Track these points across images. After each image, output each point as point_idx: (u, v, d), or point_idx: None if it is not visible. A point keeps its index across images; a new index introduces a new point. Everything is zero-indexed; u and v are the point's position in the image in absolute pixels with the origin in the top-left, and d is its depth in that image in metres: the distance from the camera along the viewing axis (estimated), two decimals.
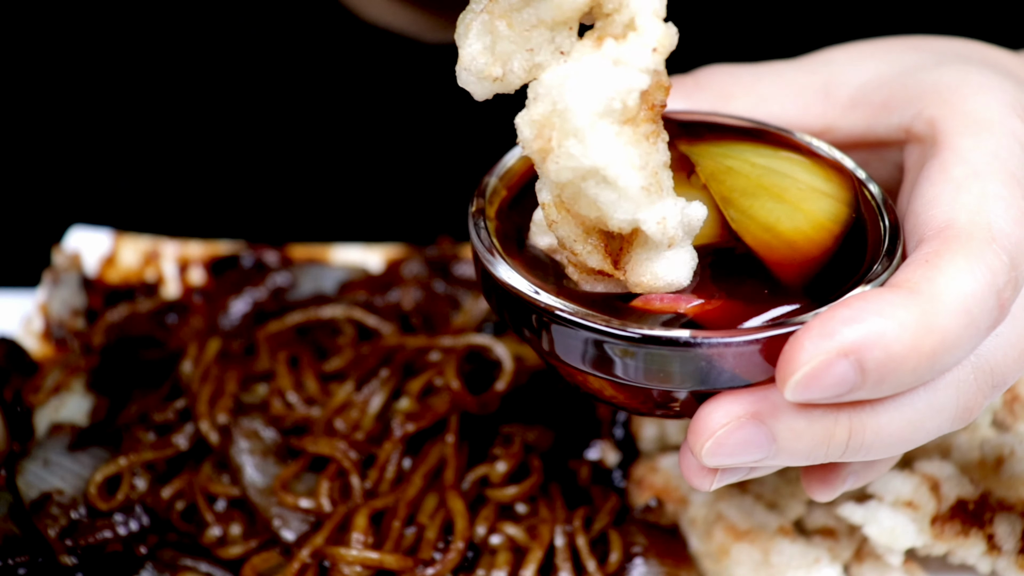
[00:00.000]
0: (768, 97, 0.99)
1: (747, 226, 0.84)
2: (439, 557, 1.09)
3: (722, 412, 0.79)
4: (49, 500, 1.14)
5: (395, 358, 1.26)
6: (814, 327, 0.75)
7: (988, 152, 0.84)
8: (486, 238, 0.86)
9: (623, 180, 0.75)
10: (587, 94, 0.74)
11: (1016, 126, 0.86)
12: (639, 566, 1.10)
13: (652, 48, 0.74)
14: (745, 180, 0.88)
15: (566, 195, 0.78)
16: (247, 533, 1.15)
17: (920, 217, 0.83)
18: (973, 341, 0.78)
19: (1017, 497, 1.08)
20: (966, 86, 0.89)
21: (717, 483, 0.85)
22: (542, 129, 0.76)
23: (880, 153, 0.97)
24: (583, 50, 0.76)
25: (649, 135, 0.76)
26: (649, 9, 0.74)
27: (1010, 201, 0.81)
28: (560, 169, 0.75)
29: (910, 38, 1.02)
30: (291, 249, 1.49)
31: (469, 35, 0.77)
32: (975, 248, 0.78)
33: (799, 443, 0.79)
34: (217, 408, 1.21)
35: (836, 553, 1.11)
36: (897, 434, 0.80)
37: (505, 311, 0.85)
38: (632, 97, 0.74)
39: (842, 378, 0.74)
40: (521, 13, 0.76)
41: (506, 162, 0.94)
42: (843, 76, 0.97)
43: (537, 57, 0.76)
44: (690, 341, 0.77)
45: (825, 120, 0.97)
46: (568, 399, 1.24)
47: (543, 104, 0.76)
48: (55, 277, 1.42)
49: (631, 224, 0.77)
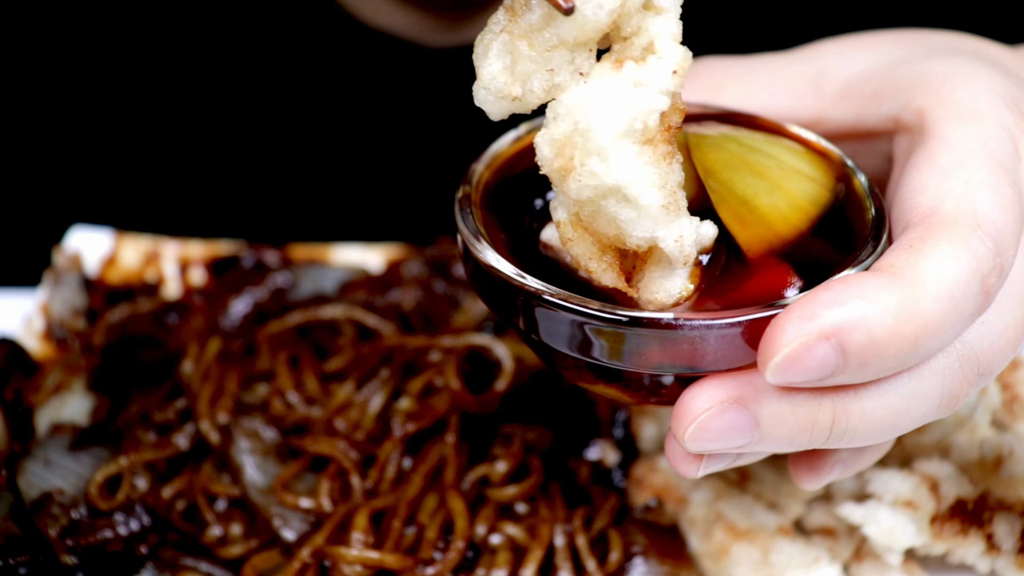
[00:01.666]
0: (759, 89, 0.99)
1: (725, 197, 0.84)
2: (439, 557, 1.10)
3: (705, 397, 0.79)
4: (50, 500, 1.14)
5: (395, 358, 1.27)
6: (795, 309, 0.75)
7: (975, 140, 0.84)
8: (472, 224, 0.86)
9: (644, 198, 0.76)
10: (609, 114, 0.75)
11: (1004, 115, 0.86)
12: (639, 566, 1.11)
13: (672, 71, 0.75)
14: (729, 155, 0.88)
15: (585, 213, 0.79)
16: (247, 533, 1.15)
17: (906, 204, 0.83)
18: (957, 327, 0.77)
19: (1016, 497, 1.08)
20: (955, 76, 0.90)
21: (703, 470, 0.84)
22: (563, 148, 0.76)
23: (870, 144, 0.97)
24: (603, 72, 0.77)
25: (666, 155, 0.77)
26: (668, 33, 0.76)
27: (996, 188, 0.81)
28: (581, 187, 0.76)
29: (902, 31, 1.02)
30: (291, 249, 1.49)
31: (489, 54, 0.78)
32: (960, 234, 0.78)
33: (782, 428, 0.79)
34: (217, 408, 1.21)
35: (835, 553, 1.11)
36: (881, 420, 0.80)
37: (491, 296, 0.86)
38: (653, 118, 0.75)
39: (823, 361, 0.74)
40: (542, 34, 0.76)
41: (493, 150, 0.94)
42: (834, 68, 0.98)
43: (557, 77, 0.77)
44: (672, 323, 0.77)
45: (815, 111, 0.97)
46: (568, 399, 1.24)
47: (564, 123, 0.76)
48: (56, 277, 1.42)
49: (649, 242, 0.78)
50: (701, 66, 1.03)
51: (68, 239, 1.49)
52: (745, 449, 0.80)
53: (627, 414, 1.24)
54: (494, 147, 0.94)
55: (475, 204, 0.89)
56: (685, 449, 0.81)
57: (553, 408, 1.23)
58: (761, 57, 1.02)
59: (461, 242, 0.87)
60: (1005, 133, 0.85)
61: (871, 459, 0.94)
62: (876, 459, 0.95)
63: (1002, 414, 1.17)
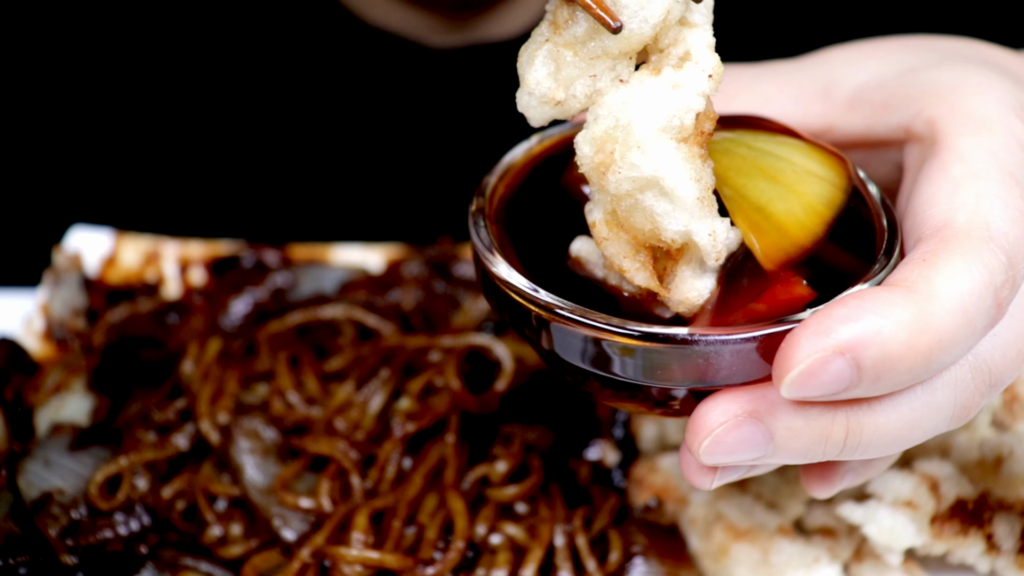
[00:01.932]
0: (769, 97, 0.99)
1: (740, 205, 0.84)
2: (439, 557, 1.10)
3: (720, 410, 0.79)
4: (50, 500, 1.14)
5: (395, 358, 1.27)
6: (810, 325, 0.75)
7: (987, 152, 0.84)
8: (486, 237, 0.87)
9: (680, 190, 0.78)
10: (650, 110, 0.78)
11: (1016, 126, 0.86)
12: (639, 566, 1.11)
13: (708, 75, 0.79)
14: (741, 160, 0.88)
15: (622, 208, 0.80)
16: (248, 533, 1.15)
17: (918, 216, 0.83)
18: (970, 340, 0.78)
19: (1016, 497, 1.08)
20: (965, 86, 0.90)
21: (717, 481, 0.85)
22: (603, 144, 0.79)
23: (880, 153, 0.97)
24: (642, 77, 0.80)
25: (700, 156, 0.80)
26: (703, 42, 0.80)
27: (1008, 201, 0.81)
28: (620, 180, 0.78)
29: (910, 38, 1.02)
30: (291, 249, 1.49)
31: (535, 62, 0.81)
32: (972, 247, 0.78)
33: (797, 441, 0.80)
34: (217, 408, 1.21)
35: (835, 553, 1.11)
36: (895, 433, 0.80)
37: (505, 310, 0.86)
38: (690, 117, 0.78)
39: (838, 376, 0.75)
40: (587, 45, 0.80)
41: (506, 162, 0.94)
42: (843, 76, 0.98)
43: (599, 83, 0.80)
44: (687, 338, 0.78)
45: (825, 120, 0.97)
46: (568, 399, 1.24)
47: (605, 122, 0.79)
48: (56, 277, 1.42)
49: (684, 236, 0.79)
50: None
51: (68, 239, 1.49)
52: (759, 461, 0.81)
53: (627, 414, 1.24)
54: (507, 159, 0.95)
55: (488, 217, 0.89)
56: (699, 461, 0.81)
57: (553, 408, 1.23)
58: (770, 65, 1.02)
59: (475, 255, 0.87)
60: (1016, 144, 0.85)
61: (881, 467, 0.94)
62: (886, 467, 0.95)
63: (1002, 414, 1.17)
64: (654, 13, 0.78)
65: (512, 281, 0.83)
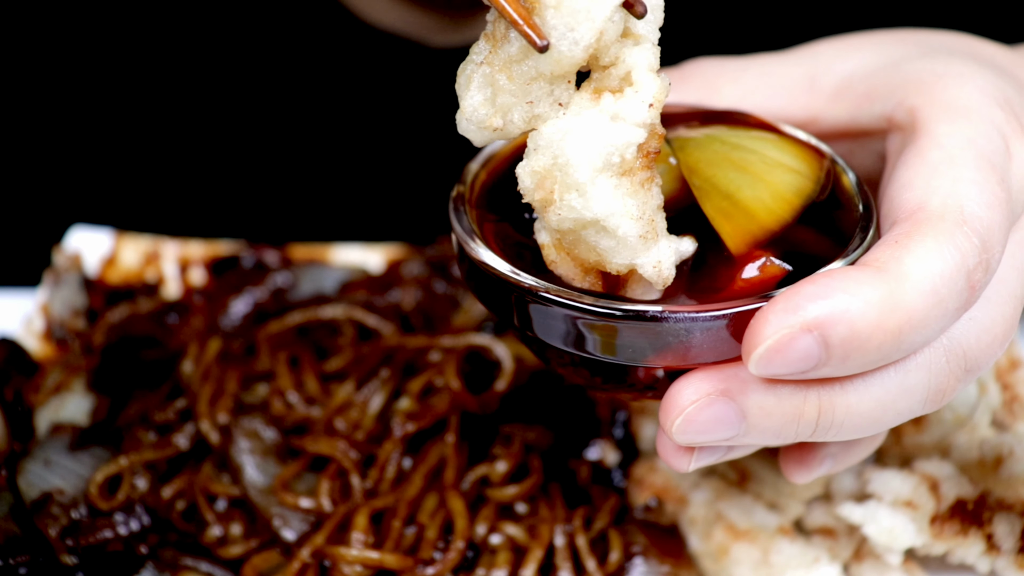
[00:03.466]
0: (754, 89, 1.00)
1: (708, 193, 0.85)
2: (439, 557, 1.10)
3: (692, 389, 0.80)
4: (50, 500, 1.14)
5: (395, 358, 1.27)
6: (779, 302, 0.76)
7: (965, 138, 0.85)
8: (466, 223, 0.88)
9: (622, 230, 0.78)
10: (587, 149, 0.77)
11: (995, 114, 0.87)
12: (639, 566, 1.11)
13: (648, 104, 0.77)
14: (712, 153, 0.89)
15: (566, 240, 0.81)
16: (247, 533, 1.15)
17: (895, 200, 0.84)
18: (941, 321, 0.78)
19: (1016, 497, 1.08)
20: (947, 76, 0.90)
21: (694, 463, 0.85)
22: (543, 181, 0.78)
23: (864, 143, 0.97)
24: (581, 103, 0.79)
25: (644, 182, 0.79)
26: (644, 64, 0.78)
27: (984, 186, 0.81)
28: (562, 219, 0.78)
29: (897, 31, 1.03)
30: (291, 249, 1.49)
31: (471, 87, 0.80)
32: (945, 229, 0.79)
33: (769, 420, 0.80)
34: (217, 408, 1.21)
35: (835, 553, 1.11)
36: (868, 413, 0.81)
37: (486, 294, 0.87)
38: (630, 151, 0.77)
39: (806, 353, 0.75)
40: (521, 66, 0.78)
41: (488, 150, 0.95)
42: (828, 67, 0.98)
43: (536, 109, 0.79)
44: (657, 315, 0.79)
45: (810, 111, 0.98)
46: (568, 399, 1.24)
47: (544, 157, 0.78)
48: (56, 277, 1.42)
49: (629, 267, 0.80)
50: (697, 67, 1.04)
51: (68, 239, 1.49)
52: (733, 441, 0.81)
53: (627, 414, 1.24)
54: (490, 147, 0.95)
55: (469, 203, 0.90)
56: (674, 442, 0.82)
57: (553, 408, 1.23)
58: (756, 57, 1.03)
59: (456, 241, 0.88)
60: (996, 132, 0.86)
61: (862, 454, 0.94)
62: (867, 454, 0.96)
63: (1002, 414, 1.17)
64: (584, 35, 0.76)
65: (493, 265, 0.84)
